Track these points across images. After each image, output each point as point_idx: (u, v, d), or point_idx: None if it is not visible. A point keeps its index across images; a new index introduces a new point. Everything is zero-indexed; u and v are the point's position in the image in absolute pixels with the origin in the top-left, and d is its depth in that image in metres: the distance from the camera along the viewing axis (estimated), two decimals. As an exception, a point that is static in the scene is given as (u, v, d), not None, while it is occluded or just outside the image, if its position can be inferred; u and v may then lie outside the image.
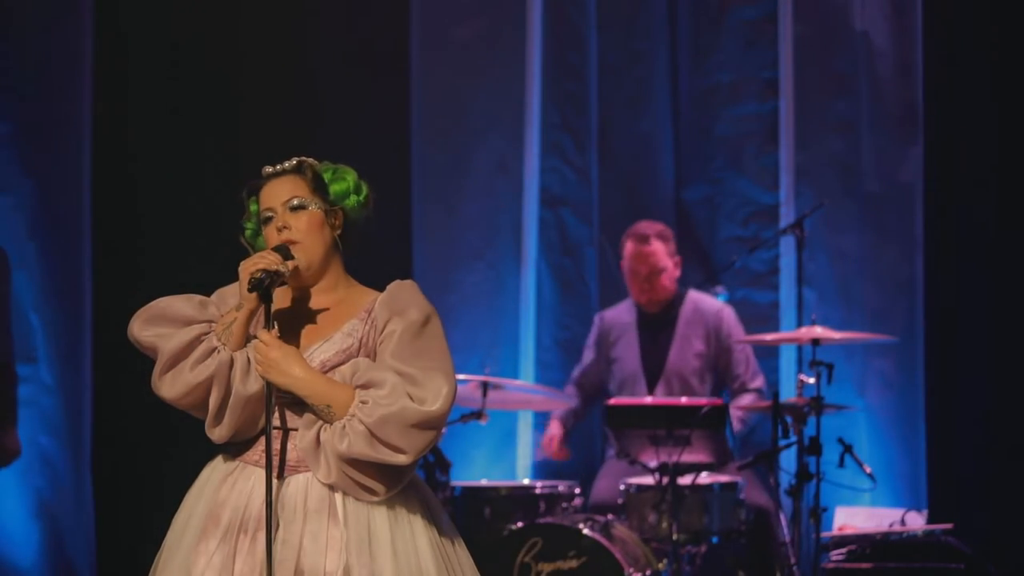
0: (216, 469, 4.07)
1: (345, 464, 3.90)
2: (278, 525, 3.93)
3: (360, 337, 4.02)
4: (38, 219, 7.64)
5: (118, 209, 7.86)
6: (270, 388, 3.94)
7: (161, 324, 4.03)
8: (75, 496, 7.62)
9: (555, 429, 7.67)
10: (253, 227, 4.18)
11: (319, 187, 4.10)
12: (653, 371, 7.56)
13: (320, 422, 3.94)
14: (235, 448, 4.06)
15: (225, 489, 4.00)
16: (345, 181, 4.13)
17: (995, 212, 7.66)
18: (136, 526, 7.65)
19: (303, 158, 4.14)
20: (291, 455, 4.00)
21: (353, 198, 4.12)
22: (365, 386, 3.93)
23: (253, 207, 4.16)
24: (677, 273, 7.58)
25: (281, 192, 4.08)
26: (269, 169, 4.13)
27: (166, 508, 4.14)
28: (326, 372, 3.98)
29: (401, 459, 3.88)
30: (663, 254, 7.51)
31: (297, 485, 3.97)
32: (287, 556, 3.91)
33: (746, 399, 7.37)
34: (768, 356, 7.95)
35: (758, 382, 7.50)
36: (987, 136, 7.68)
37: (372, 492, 3.93)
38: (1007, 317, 7.58)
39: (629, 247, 7.56)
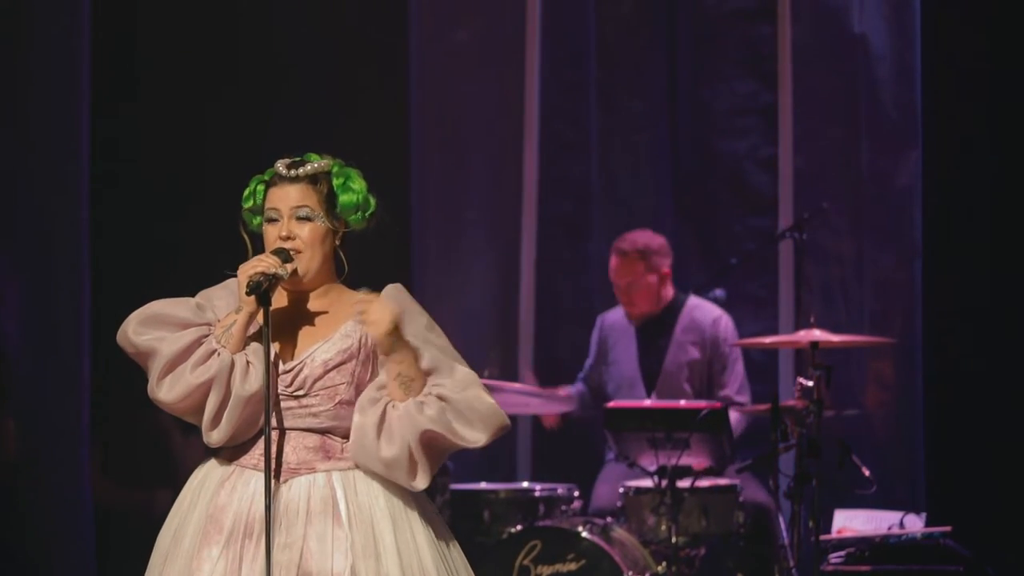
0: (210, 473, 4.06)
1: (416, 439, 3.91)
2: (280, 528, 3.94)
3: (359, 338, 4.05)
4: (36, 218, 7.64)
5: (117, 209, 7.86)
6: (269, 389, 3.95)
7: (158, 327, 4.02)
8: (75, 496, 7.61)
9: (564, 391, 7.66)
10: (260, 220, 4.13)
11: (330, 198, 4.08)
12: (650, 375, 7.56)
13: (384, 400, 3.95)
14: (229, 452, 4.06)
15: (224, 494, 4.00)
16: (354, 193, 4.09)
17: (994, 215, 7.66)
18: (136, 527, 7.65)
19: (320, 164, 4.09)
20: (290, 457, 4.01)
21: (359, 215, 4.10)
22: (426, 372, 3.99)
23: (259, 196, 4.12)
24: (665, 289, 7.55)
25: (291, 197, 4.06)
26: (283, 170, 4.08)
27: (166, 509, 4.14)
28: (328, 371, 4.01)
29: (479, 440, 3.98)
30: (640, 271, 7.49)
31: (299, 488, 3.98)
32: (290, 559, 3.91)
33: (733, 415, 7.35)
34: (767, 359, 7.94)
35: (744, 397, 7.50)
36: (985, 139, 7.68)
37: (414, 477, 3.95)
38: (1005, 320, 7.58)
39: (611, 259, 7.57)
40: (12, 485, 7.50)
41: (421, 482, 3.98)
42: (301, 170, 4.08)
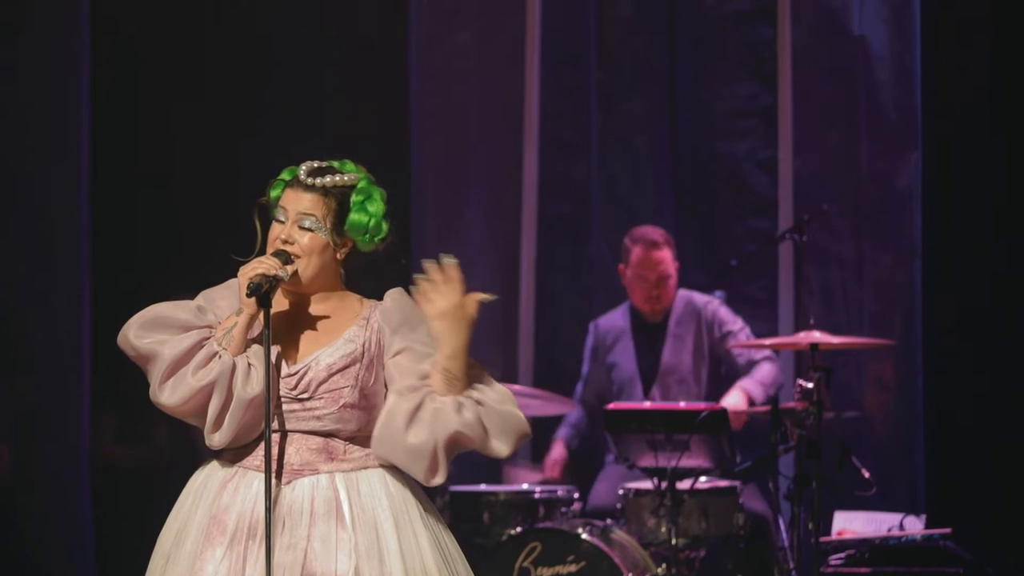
0: (213, 474, 4.06)
1: (445, 437, 3.92)
2: (283, 529, 3.94)
3: (363, 343, 4.06)
4: (36, 219, 7.64)
5: (117, 211, 7.87)
6: (269, 391, 3.95)
7: (159, 330, 4.02)
8: (75, 497, 7.62)
9: (558, 453, 7.64)
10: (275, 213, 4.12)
11: (340, 214, 4.06)
12: (648, 373, 7.55)
13: (425, 390, 3.95)
14: (232, 453, 4.06)
15: (227, 495, 4.00)
16: (367, 215, 4.06)
17: (993, 217, 7.66)
18: (136, 527, 7.66)
19: (344, 178, 4.06)
20: (293, 458, 4.01)
21: (366, 238, 4.07)
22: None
23: (278, 190, 4.11)
24: (676, 279, 7.58)
25: (300, 203, 4.05)
26: (302, 174, 4.06)
27: (165, 509, 4.14)
28: (332, 375, 4.02)
29: (504, 451, 3.97)
30: (670, 260, 7.50)
31: (303, 489, 3.99)
32: (294, 560, 3.92)
33: (764, 368, 7.31)
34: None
35: (764, 352, 7.44)
36: (985, 141, 7.68)
37: (433, 474, 3.95)
38: (1005, 322, 7.58)
39: (638, 252, 7.50)
40: (12, 486, 7.51)
41: (438, 479, 3.98)
42: (318, 180, 4.06)
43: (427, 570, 3.96)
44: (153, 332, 4.02)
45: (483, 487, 7.28)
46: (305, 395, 4.02)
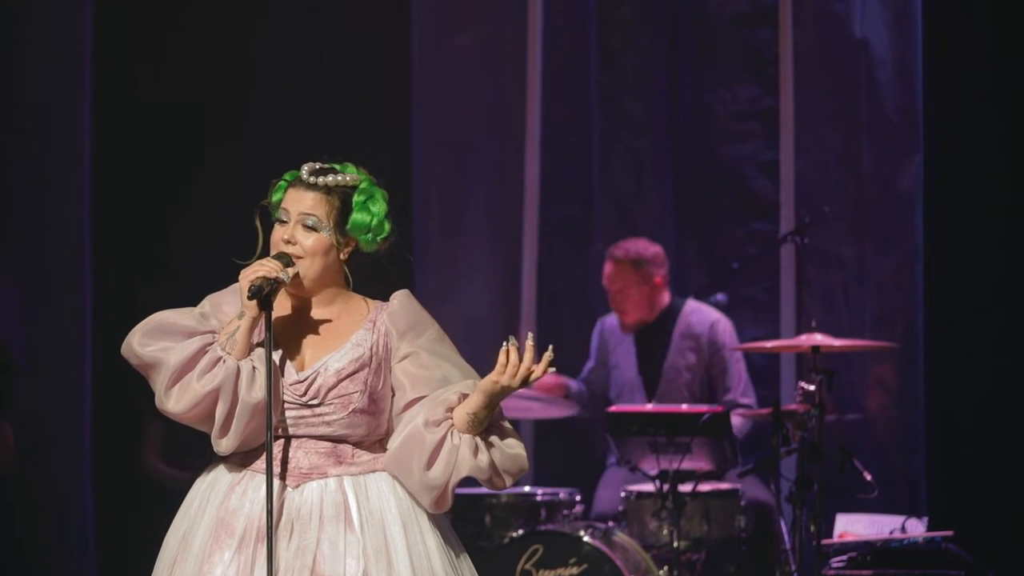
0: (220, 477, 4.06)
1: (459, 477, 3.98)
2: (292, 532, 3.94)
3: (371, 346, 4.07)
4: (37, 220, 7.65)
5: (118, 212, 7.87)
6: (271, 396, 3.94)
7: (163, 338, 4.01)
8: (75, 496, 7.62)
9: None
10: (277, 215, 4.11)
11: (343, 213, 4.05)
12: (651, 379, 7.55)
13: (448, 424, 3.98)
14: (239, 456, 4.05)
15: (235, 498, 4.00)
16: (370, 215, 4.05)
17: (994, 219, 7.66)
18: (137, 528, 7.66)
19: (345, 178, 4.05)
20: (302, 462, 4.01)
21: (369, 237, 4.06)
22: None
23: (280, 192, 4.10)
24: (659, 297, 7.52)
25: (302, 202, 4.04)
26: (304, 174, 4.06)
27: (166, 511, 4.14)
28: (341, 380, 4.01)
29: (505, 487, 4.07)
30: (632, 280, 7.47)
31: (311, 492, 3.99)
32: (303, 563, 3.93)
33: (736, 420, 7.31)
34: (768, 363, 7.94)
35: (749, 398, 7.48)
36: (986, 143, 7.68)
37: (440, 507, 4.02)
38: (1007, 324, 7.58)
39: (605, 265, 7.57)
40: (12, 487, 7.51)
41: (443, 510, 4.04)
42: (320, 179, 4.05)
43: (435, 572, 3.97)
44: (157, 340, 4.01)
45: (485, 489, 7.26)
46: (315, 401, 4.01)
